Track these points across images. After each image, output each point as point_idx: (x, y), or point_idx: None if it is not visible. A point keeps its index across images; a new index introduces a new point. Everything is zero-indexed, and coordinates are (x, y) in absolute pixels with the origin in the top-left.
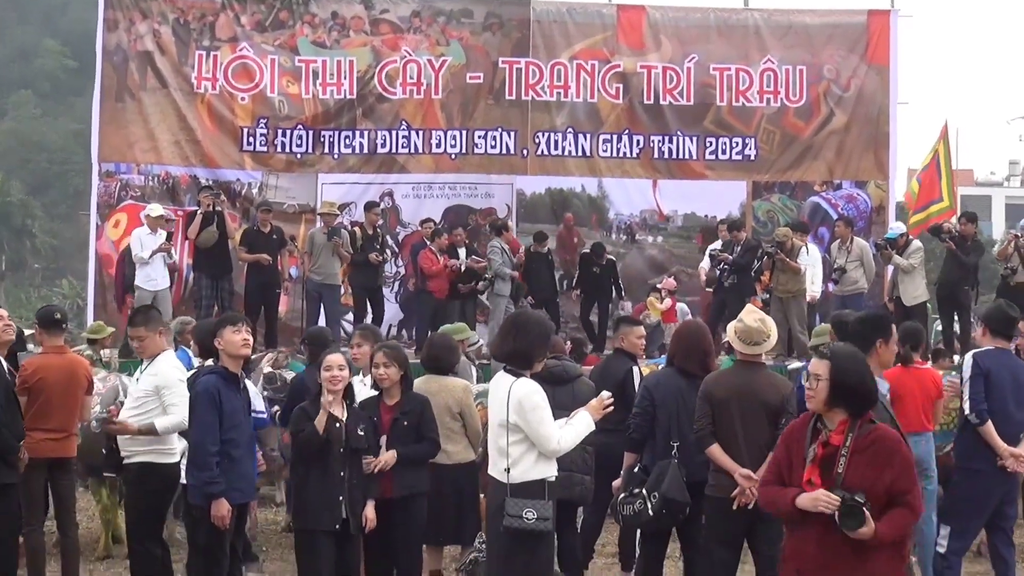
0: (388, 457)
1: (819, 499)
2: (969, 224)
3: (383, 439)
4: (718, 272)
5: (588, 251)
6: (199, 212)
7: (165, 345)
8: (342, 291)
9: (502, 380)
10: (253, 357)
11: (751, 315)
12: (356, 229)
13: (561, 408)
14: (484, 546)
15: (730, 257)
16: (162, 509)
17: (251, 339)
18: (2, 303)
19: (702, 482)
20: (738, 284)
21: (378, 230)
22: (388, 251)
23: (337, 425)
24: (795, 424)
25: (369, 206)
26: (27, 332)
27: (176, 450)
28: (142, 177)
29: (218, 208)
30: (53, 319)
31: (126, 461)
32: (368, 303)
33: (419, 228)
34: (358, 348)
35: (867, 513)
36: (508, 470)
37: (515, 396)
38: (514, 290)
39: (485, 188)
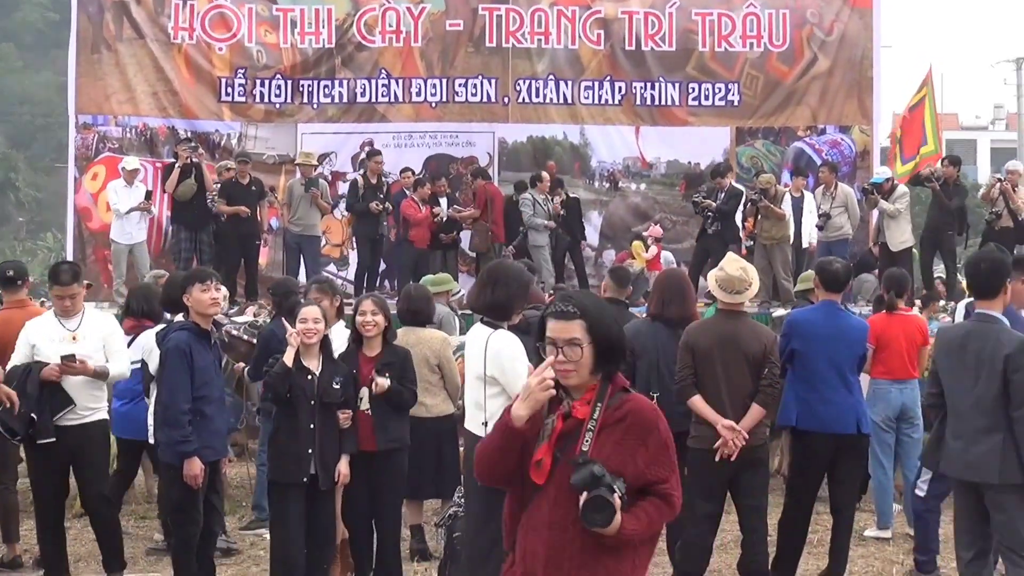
0: (382, 382)
1: (531, 388)
2: (951, 167)
3: (363, 391)
4: (703, 220)
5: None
6: (176, 165)
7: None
8: (322, 242)
9: (479, 332)
10: (233, 311)
11: (732, 263)
12: (359, 177)
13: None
14: (463, 500)
15: (713, 204)
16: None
17: (220, 297)
18: None
19: (684, 433)
20: (721, 231)
21: (382, 179)
22: (389, 203)
23: (309, 378)
24: None
25: (372, 154)
26: None
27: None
28: (120, 129)
29: (195, 160)
30: (7, 276)
31: (85, 420)
32: (370, 252)
33: (400, 178)
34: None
35: (617, 504)
36: (486, 424)
37: (492, 348)
38: (554, 239)
39: (466, 137)
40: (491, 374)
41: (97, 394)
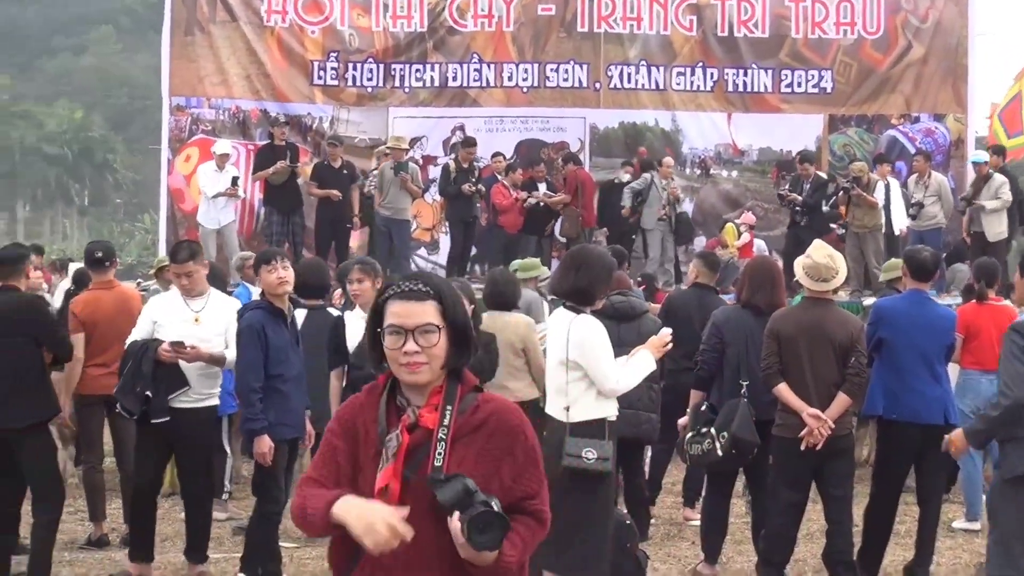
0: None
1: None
2: None
3: None
4: (790, 213)
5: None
6: (281, 166)
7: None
8: (413, 226)
9: (562, 317)
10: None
11: (820, 251)
12: (450, 162)
13: (626, 346)
14: None
15: (799, 198)
16: None
17: (288, 276)
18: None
19: (770, 421)
20: (812, 223)
21: (474, 164)
22: (482, 187)
23: None
24: (358, 399)
25: (466, 143)
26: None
27: None
28: (213, 111)
29: (290, 142)
30: (95, 257)
31: (198, 404)
32: (463, 235)
33: (491, 162)
34: (358, 284)
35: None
36: (568, 409)
37: (575, 333)
38: (672, 224)
39: (557, 122)
40: (573, 359)
41: (212, 379)
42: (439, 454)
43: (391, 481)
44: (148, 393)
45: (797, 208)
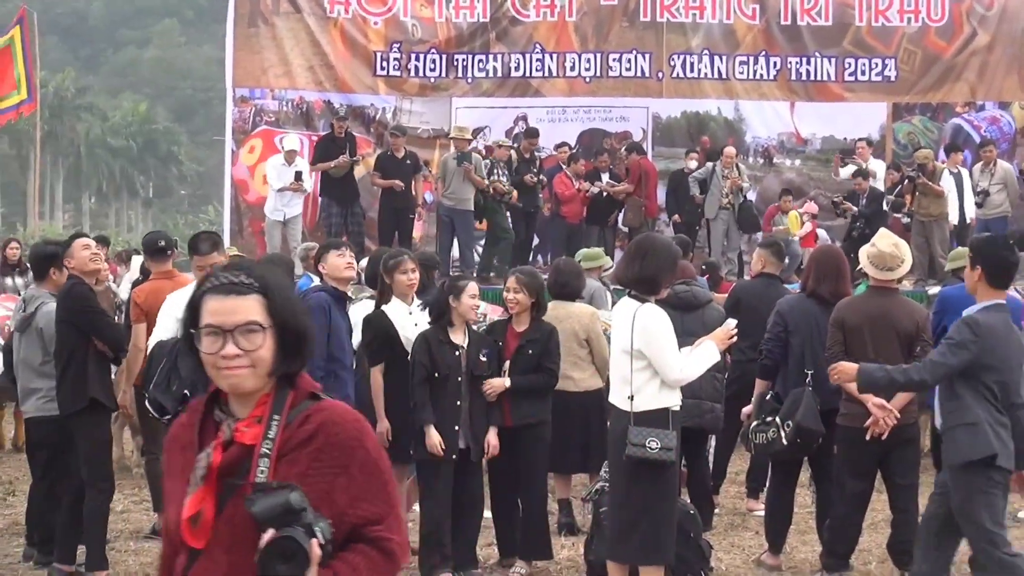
0: (497, 384)
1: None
2: None
3: (506, 365)
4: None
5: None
6: (343, 161)
7: None
8: (475, 217)
9: (626, 306)
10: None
11: (885, 239)
12: (512, 152)
13: (690, 335)
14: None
15: (855, 209)
16: None
17: (355, 263)
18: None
19: (835, 411)
20: (866, 233)
21: (535, 154)
22: (544, 177)
23: (456, 353)
24: (183, 418)
25: (529, 134)
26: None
27: None
28: (276, 102)
29: (349, 132)
30: (156, 246)
31: None
32: (525, 225)
33: (555, 152)
34: (412, 275)
35: (316, 553)
36: (631, 398)
37: (639, 322)
38: (735, 214)
39: (620, 111)
40: (637, 348)
41: None
42: (261, 471)
43: (203, 506)
44: (186, 392)
45: (852, 217)
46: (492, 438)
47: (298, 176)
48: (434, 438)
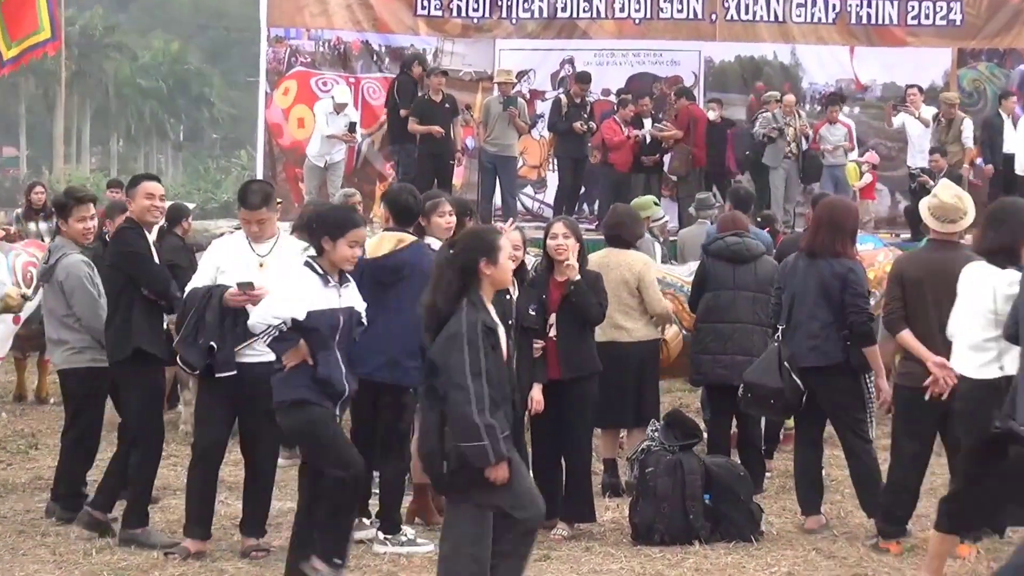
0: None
1: None
2: None
3: (552, 318)
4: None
5: None
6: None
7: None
8: (519, 163)
9: (982, 270)
10: None
11: (947, 190)
12: (562, 96)
13: (742, 288)
14: (658, 434)
15: (932, 182)
16: None
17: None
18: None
19: (816, 368)
20: None
21: (585, 100)
22: (593, 123)
23: (508, 298)
24: None
25: (581, 78)
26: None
27: None
28: (312, 43)
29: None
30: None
31: (267, 358)
32: (572, 174)
33: (602, 97)
34: (450, 217)
35: None
36: (1002, 367)
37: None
38: (801, 164)
39: (671, 55)
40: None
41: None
42: None
43: None
44: (213, 344)
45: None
46: (537, 394)
47: (352, 127)
48: None
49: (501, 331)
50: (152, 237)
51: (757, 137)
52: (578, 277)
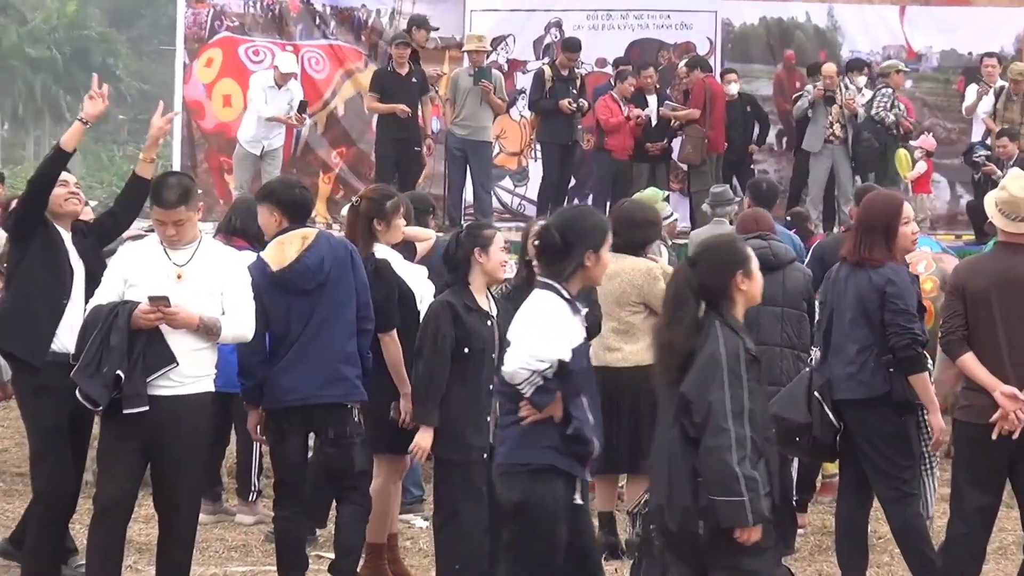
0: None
1: None
2: None
3: None
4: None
5: None
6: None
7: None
8: (495, 149)
9: None
10: None
11: (1017, 181)
12: (546, 68)
13: (768, 303)
14: None
15: (999, 172)
16: None
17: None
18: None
19: (850, 401)
20: None
21: (575, 72)
22: (585, 101)
23: (488, 323)
24: None
25: (568, 45)
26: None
27: None
28: (240, 3)
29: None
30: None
31: (185, 390)
32: (560, 162)
33: (597, 69)
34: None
35: None
36: None
37: None
38: (853, 148)
39: (680, 17)
40: None
41: (205, 356)
42: None
43: None
44: (119, 373)
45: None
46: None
47: (302, 107)
48: (425, 441)
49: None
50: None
51: (884, 123)
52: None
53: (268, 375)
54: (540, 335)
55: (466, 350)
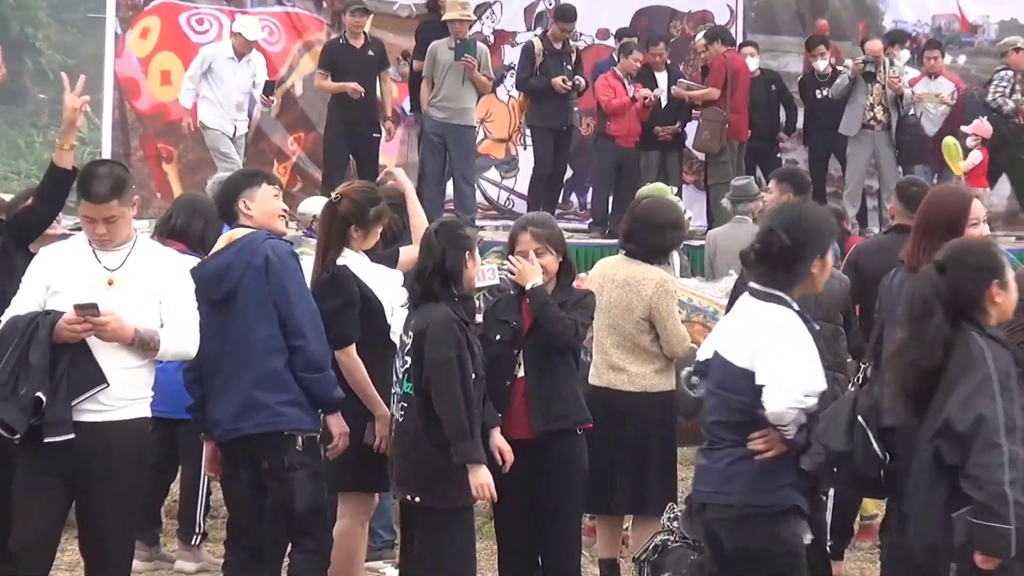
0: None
1: None
2: None
3: (521, 354)
4: None
5: None
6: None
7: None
8: (478, 135)
9: None
10: None
11: None
12: (536, 40)
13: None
14: (677, 524)
15: None
16: None
17: None
18: None
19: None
20: None
21: (570, 45)
22: (582, 79)
23: (478, 343)
24: None
25: (561, 14)
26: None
27: None
28: None
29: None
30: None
31: (116, 415)
32: (553, 150)
33: (598, 41)
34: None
35: None
36: None
37: None
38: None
39: None
40: None
41: (141, 376)
42: None
43: None
44: (40, 396)
45: None
46: (500, 441)
47: (268, 88)
48: (485, 478)
49: None
50: None
51: (1001, 110)
52: (539, 280)
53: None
54: (800, 365)
55: (473, 376)
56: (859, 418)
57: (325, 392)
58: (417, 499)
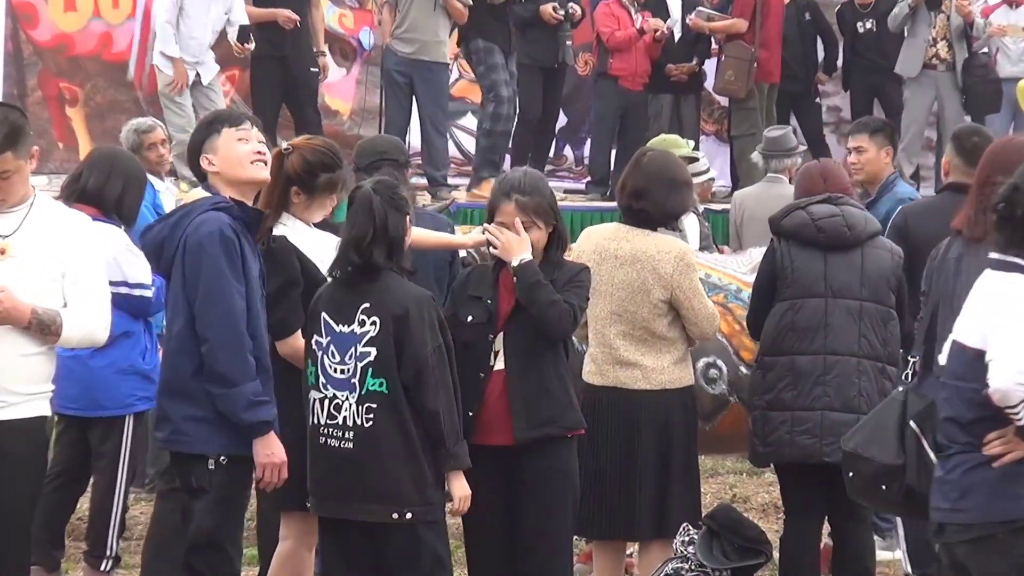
0: None
1: None
2: None
3: (498, 341)
4: None
5: None
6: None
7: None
8: (453, 74)
9: None
10: None
11: None
12: None
13: (842, 296)
14: (694, 549)
15: None
16: None
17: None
18: None
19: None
20: None
21: None
22: (577, 6)
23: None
24: None
25: None
26: None
27: None
28: None
29: None
30: None
31: (14, 414)
32: (543, 93)
33: None
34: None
35: None
36: None
37: None
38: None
39: None
40: None
41: (38, 366)
42: None
43: None
44: None
45: None
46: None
47: (244, 35)
48: (468, 489)
49: None
50: None
51: None
52: (528, 255)
53: None
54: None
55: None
56: (912, 423)
57: (231, 413)
58: (408, 515)
